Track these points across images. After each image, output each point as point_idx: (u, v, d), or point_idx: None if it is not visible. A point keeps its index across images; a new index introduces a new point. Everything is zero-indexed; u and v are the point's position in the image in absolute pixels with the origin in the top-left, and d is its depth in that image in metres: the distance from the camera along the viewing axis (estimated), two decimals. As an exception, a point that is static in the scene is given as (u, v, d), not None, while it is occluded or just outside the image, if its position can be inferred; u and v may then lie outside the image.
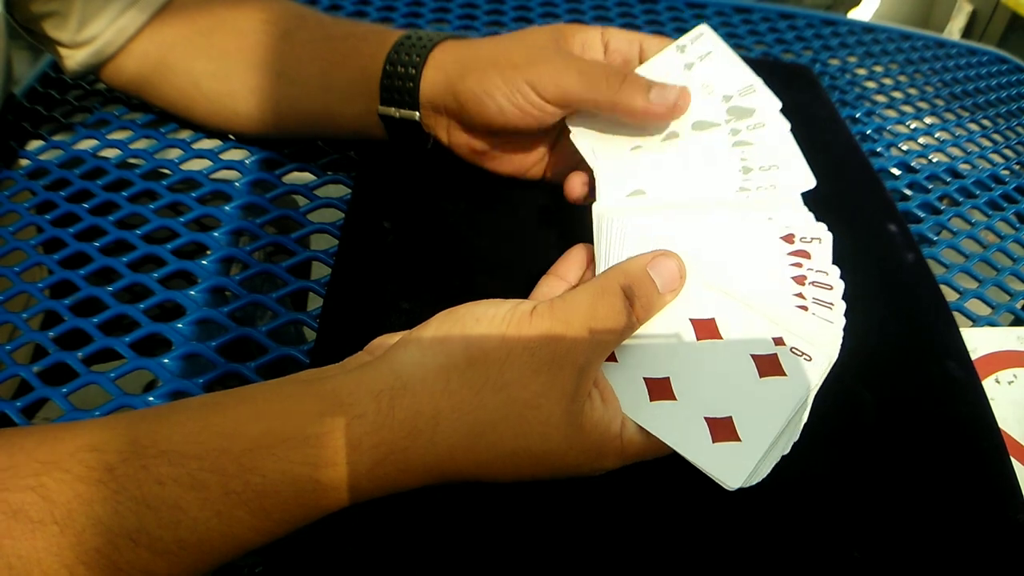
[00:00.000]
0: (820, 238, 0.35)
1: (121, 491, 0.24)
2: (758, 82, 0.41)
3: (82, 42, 0.48)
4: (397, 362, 0.29)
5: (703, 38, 0.42)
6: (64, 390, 0.38)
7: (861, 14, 1.85)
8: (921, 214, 0.53)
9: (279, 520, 0.26)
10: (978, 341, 0.42)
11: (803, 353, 0.32)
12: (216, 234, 0.46)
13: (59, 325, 0.41)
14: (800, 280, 0.34)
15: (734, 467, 0.29)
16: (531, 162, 0.46)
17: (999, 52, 0.75)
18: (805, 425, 0.31)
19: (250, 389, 0.29)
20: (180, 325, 0.41)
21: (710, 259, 0.35)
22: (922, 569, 0.32)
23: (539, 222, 0.45)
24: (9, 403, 0.37)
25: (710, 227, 0.36)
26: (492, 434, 0.28)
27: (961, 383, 0.39)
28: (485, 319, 0.29)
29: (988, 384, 0.40)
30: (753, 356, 0.32)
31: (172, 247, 0.45)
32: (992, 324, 0.45)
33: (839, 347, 0.33)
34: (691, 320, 0.33)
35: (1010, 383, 0.41)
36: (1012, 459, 0.36)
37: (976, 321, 0.45)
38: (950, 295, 0.45)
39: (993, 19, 1.93)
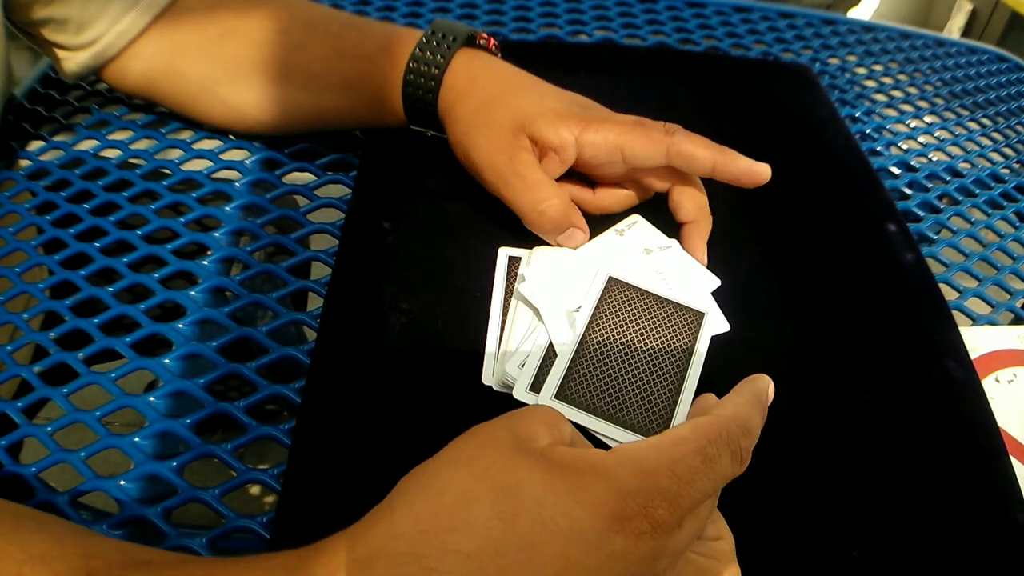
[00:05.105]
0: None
1: None
2: (675, 243, 0.43)
3: (83, 45, 0.48)
4: None
5: (637, 224, 0.44)
6: (65, 390, 0.38)
7: (861, 13, 1.85)
8: (921, 213, 0.53)
9: None
10: (978, 340, 0.42)
11: None
12: (216, 234, 0.46)
13: (60, 325, 0.41)
14: None
15: None
16: None
17: (999, 51, 0.75)
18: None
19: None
20: (181, 325, 0.41)
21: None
22: (922, 569, 0.32)
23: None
24: (10, 403, 0.38)
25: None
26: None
27: (961, 383, 0.39)
28: None
29: (988, 383, 0.40)
30: None
31: (173, 247, 0.45)
32: (992, 323, 0.45)
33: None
34: None
35: (1010, 382, 0.41)
36: (1012, 459, 0.36)
37: (976, 320, 0.45)
38: (950, 294, 0.45)
39: (993, 18, 1.93)
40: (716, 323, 0.39)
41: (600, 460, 0.25)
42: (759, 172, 0.40)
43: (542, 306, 0.37)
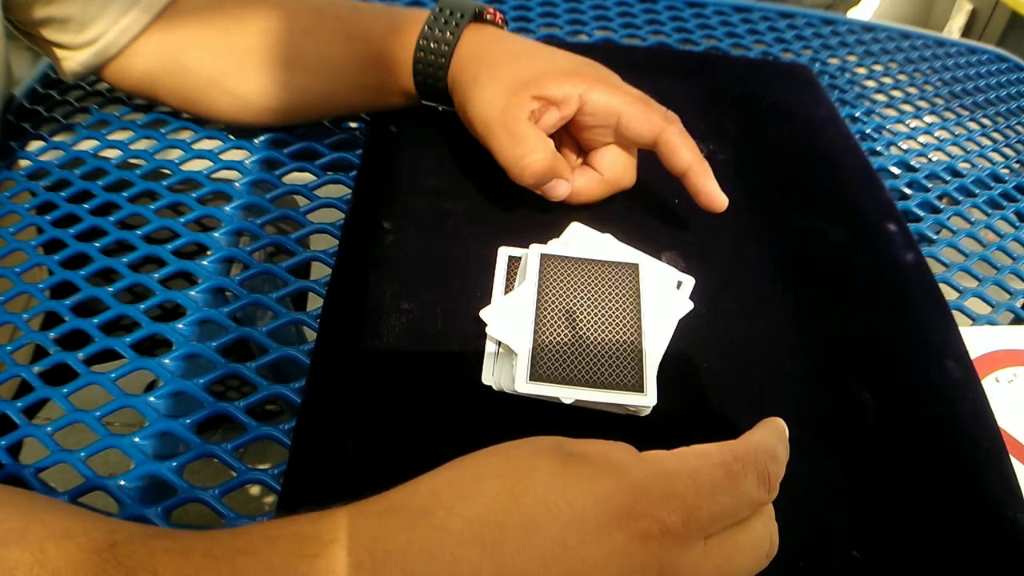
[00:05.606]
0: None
1: (111, 560, 0.24)
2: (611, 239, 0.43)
3: (84, 43, 0.48)
4: None
5: (579, 232, 0.44)
6: (65, 390, 0.38)
7: (861, 13, 1.84)
8: (921, 213, 0.53)
9: None
10: (978, 340, 0.42)
11: None
12: (216, 234, 0.46)
13: (60, 325, 0.41)
14: None
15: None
16: None
17: (999, 51, 0.75)
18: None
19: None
20: (181, 325, 0.41)
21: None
22: (922, 569, 0.32)
23: (539, 222, 0.45)
24: (10, 403, 0.38)
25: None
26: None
27: (960, 383, 0.39)
28: None
29: (988, 383, 0.40)
30: None
31: (172, 247, 0.45)
32: (992, 323, 0.45)
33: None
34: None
35: (1010, 382, 0.41)
36: (1012, 459, 0.36)
37: (976, 320, 0.45)
38: (950, 294, 0.45)
39: (993, 18, 1.93)
40: (681, 304, 0.40)
41: (621, 458, 0.25)
42: (717, 199, 0.42)
43: (511, 342, 0.37)
